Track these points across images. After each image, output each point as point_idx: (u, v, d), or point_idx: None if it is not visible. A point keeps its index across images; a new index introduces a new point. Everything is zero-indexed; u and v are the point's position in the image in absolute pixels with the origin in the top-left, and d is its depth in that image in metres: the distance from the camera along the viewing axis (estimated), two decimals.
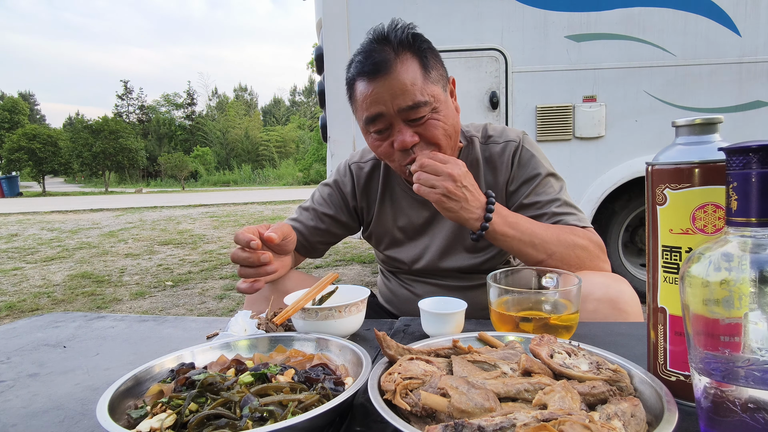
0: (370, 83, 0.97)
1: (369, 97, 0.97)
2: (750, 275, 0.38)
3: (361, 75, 0.98)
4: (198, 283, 4.37)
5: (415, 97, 0.96)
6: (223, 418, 0.49)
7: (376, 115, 0.98)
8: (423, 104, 0.97)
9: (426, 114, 0.98)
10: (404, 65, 0.96)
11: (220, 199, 15.55)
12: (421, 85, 0.97)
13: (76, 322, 1.02)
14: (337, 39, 3.04)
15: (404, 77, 0.96)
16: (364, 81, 0.98)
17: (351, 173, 1.24)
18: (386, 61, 0.96)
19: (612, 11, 3.00)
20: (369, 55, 0.98)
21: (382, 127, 1.00)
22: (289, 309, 0.80)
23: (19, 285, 4.48)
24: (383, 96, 0.96)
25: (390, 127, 1.00)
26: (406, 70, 0.96)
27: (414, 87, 0.96)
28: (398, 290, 1.26)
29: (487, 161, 1.14)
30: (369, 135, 1.04)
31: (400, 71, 0.96)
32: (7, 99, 39.73)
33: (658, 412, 0.47)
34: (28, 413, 0.61)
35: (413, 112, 0.97)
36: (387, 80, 0.96)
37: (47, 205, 13.84)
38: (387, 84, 0.96)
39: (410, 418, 0.49)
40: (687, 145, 0.53)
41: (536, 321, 0.74)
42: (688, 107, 3.04)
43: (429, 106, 0.98)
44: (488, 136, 1.16)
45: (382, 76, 0.96)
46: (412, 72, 0.97)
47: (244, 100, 50.93)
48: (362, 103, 1.00)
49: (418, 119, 0.98)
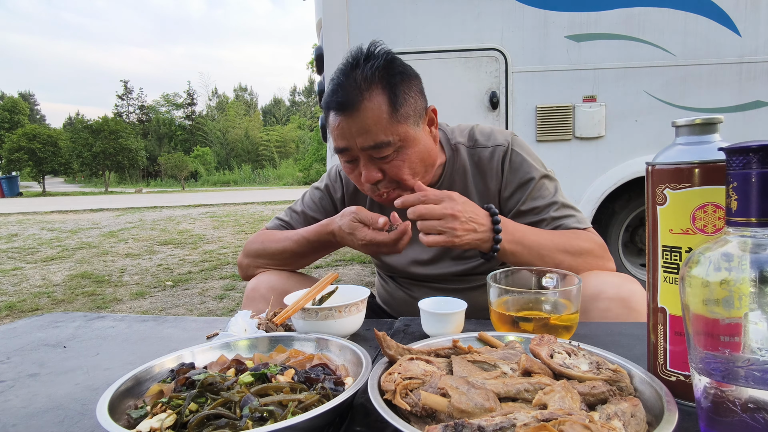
0: (336, 116, 0.98)
1: (336, 129, 0.99)
2: (750, 275, 0.38)
3: (332, 107, 0.99)
4: (198, 283, 4.37)
5: (377, 137, 0.96)
6: (223, 418, 0.49)
7: (342, 148, 1.00)
8: (386, 144, 0.97)
9: (389, 153, 0.98)
10: (371, 102, 0.95)
11: (220, 199, 15.55)
12: (385, 124, 0.96)
13: (76, 322, 1.02)
14: (337, 39, 3.04)
15: (368, 116, 0.95)
16: (333, 114, 0.99)
17: (341, 179, 1.23)
18: (351, 100, 0.95)
19: (612, 11, 3.00)
20: (337, 89, 0.98)
21: (349, 158, 1.02)
22: (289, 309, 0.80)
23: (19, 285, 4.48)
24: (349, 132, 0.97)
25: (357, 160, 1.01)
26: (372, 109, 0.95)
27: (377, 127, 0.95)
28: (396, 293, 1.26)
29: (476, 166, 1.13)
30: (342, 162, 1.06)
31: (365, 109, 0.95)
32: (7, 99, 39.73)
33: (658, 412, 0.47)
34: (28, 413, 0.61)
35: (376, 151, 0.97)
36: (351, 118, 0.96)
37: (47, 205, 13.84)
38: (351, 121, 0.96)
39: (410, 418, 0.49)
40: (687, 145, 0.53)
41: (536, 321, 0.74)
42: (688, 107, 3.04)
43: (393, 146, 0.97)
44: (475, 140, 1.14)
45: (347, 113, 0.96)
46: (378, 111, 0.95)
47: (244, 100, 50.93)
48: (332, 133, 1.01)
49: (382, 157, 0.98)
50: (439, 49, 3.03)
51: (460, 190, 1.12)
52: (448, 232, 0.87)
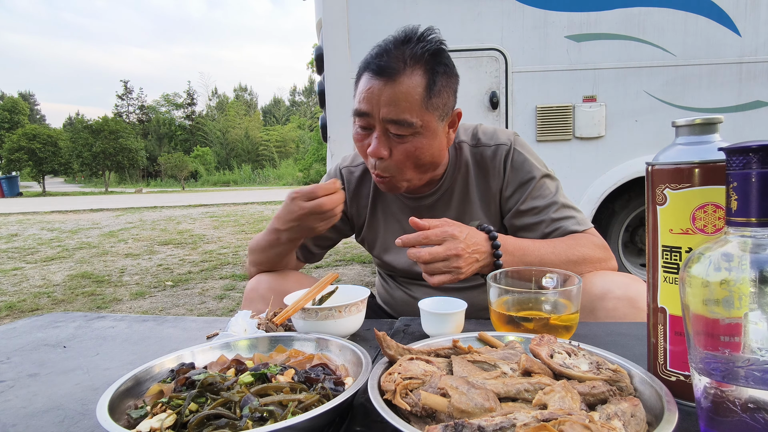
0: (371, 80, 0.96)
1: (365, 92, 0.97)
2: (750, 275, 0.38)
3: (371, 68, 0.97)
4: (198, 283, 4.37)
5: (403, 114, 0.95)
6: (223, 418, 0.49)
7: (363, 112, 0.98)
8: (408, 124, 0.95)
9: (406, 135, 0.97)
10: (410, 79, 0.94)
11: (220, 199, 15.55)
12: (415, 105, 0.95)
13: (76, 322, 1.02)
14: (337, 39, 3.04)
15: (402, 90, 0.94)
16: (367, 77, 0.98)
17: (342, 178, 1.24)
18: (393, 67, 0.94)
19: (612, 11, 3.00)
20: (382, 53, 0.96)
21: (365, 125, 1.00)
22: (289, 309, 0.80)
23: (19, 285, 4.48)
24: (376, 98, 0.95)
25: (371, 129, 0.99)
26: (408, 85, 0.94)
27: (406, 104, 0.94)
28: (395, 293, 1.26)
29: (478, 165, 1.13)
30: (354, 126, 1.04)
31: (402, 83, 0.94)
32: (7, 99, 39.72)
33: (658, 412, 0.47)
34: (28, 413, 0.61)
35: (395, 126, 0.96)
36: (386, 86, 0.94)
37: (47, 205, 13.84)
38: (384, 90, 0.94)
39: (410, 418, 0.49)
40: (687, 145, 0.53)
41: (536, 321, 0.74)
42: (688, 107, 3.04)
43: (413, 129, 0.96)
44: (478, 139, 1.14)
45: (384, 79, 0.95)
46: (413, 89, 0.95)
47: (244, 100, 50.93)
48: (359, 95, 0.99)
49: (397, 135, 0.97)
50: None
51: (461, 188, 1.12)
52: (453, 271, 0.87)
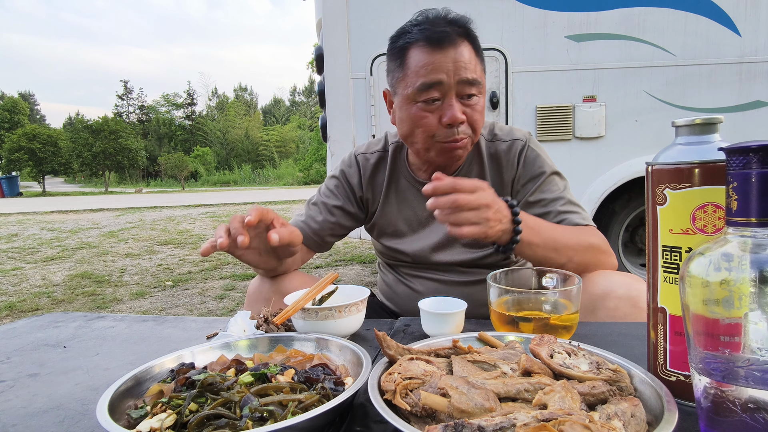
0: (432, 52, 1.00)
1: (430, 64, 1.00)
2: (750, 275, 0.38)
3: (424, 43, 1.00)
4: (198, 283, 4.37)
5: (474, 74, 1.01)
6: (223, 418, 0.49)
7: (435, 82, 1.00)
8: (478, 83, 1.02)
9: (476, 95, 1.03)
10: (464, 45, 1.01)
11: (220, 199, 15.55)
12: (476, 66, 1.03)
13: (76, 322, 1.02)
14: (337, 39, 3.04)
15: (464, 53, 1.01)
16: (424, 49, 1.00)
17: (357, 164, 1.24)
18: (450, 36, 1.00)
19: (612, 11, 3.00)
20: (434, 25, 1.01)
21: (436, 96, 1.01)
22: (289, 309, 0.80)
23: (19, 285, 4.48)
24: (446, 65, 0.99)
25: (441, 100, 1.02)
26: (467, 48, 1.02)
27: (473, 65, 1.01)
28: (397, 287, 1.26)
29: (492, 158, 1.16)
30: (413, 105, 1.03)
31: (462, 46, 1.01)
32: (7, 99, 39.71)
33: (658, 412, 0.47)
34: (28, 413, 0.61)
35: (469, 87, 1.01)
36: (451, 52, 0.99)
37: (47, 205, 13.84)
38: (451, 55, 0.99)
39: (410, 418, 0.49)
40: (687, 145, 0.53)
41: (536, 321, 0.74)
42: (688, 107, 3.04)
43: (480, 87, 1.03)
44: (494, 134, 1.18)
45: (447, 47, 0.99)
46: (471, 53, 1.02)
47: (244, 100, 50.91)
48: (419, 70, 1.01)
49: (469, 96, 1.02)
50: None
51: (476, 177, 1.16)
52: (483, 223, 0.83)
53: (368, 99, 3.09)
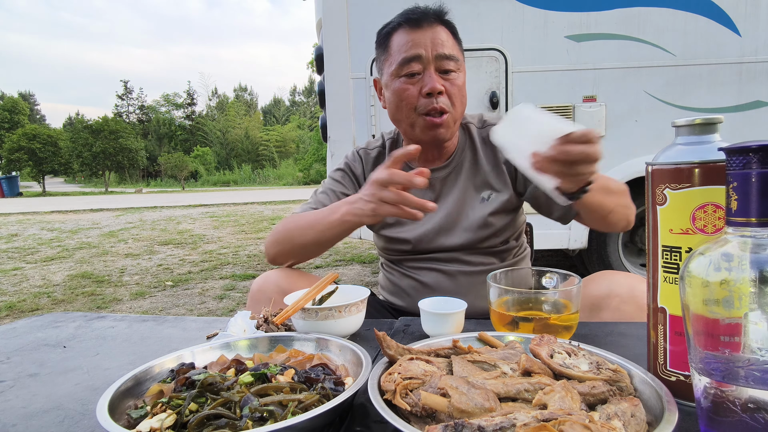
0: (411, 31, 1.10)
1: (410, 41, 1.09)
2: (750, 275, 0.38)
3: (404, 24, 1.11)
4: (198, 283, 4.37)
5: (452, 50, 1.10)
6: (223, 418, 0.49)
7: (414, 56, 1.08)
8: (455, 59, 1.10)
9: (453, 70, 1.10)
10: (441, 28, 1.11)
11: (220, 199, 15.55)
12: (452, 44, 1.12)
13: (76, 322, 1.02)
14: (337, 39, 3.04)
15: (441, 33, 1.10)
16: (405, 30, 1.11)
17: (360, 157, 1.30)
18: (428, 18, 1.10)
19: (612, 11, 3.00)
20: (413, 11, 1.11)
21: (416, 69, 1.09)
22: (289, 309, 0.80)
23: (19, 285, 4.48)
24: (424, 42, 1.08)
25: (421, 73, 1.09)
26: (443, 29, 1.11)
27: (449, 42, 1.10)
28: (402, 282, 1.26)
29: (485, 142, 1.22)
30: (396, 80, 1.12)
31: (439, 28, 1.11)
32: (7, 99, 39.70)
33: (658, 412, 0.47)
34: (28, 413, 0.61)
35: (446, 62, 1.09)
36: (429, 31, 1.09)
37: (47, 205, 13.84)
38: (428, 33, 1.09)
39: (410, 418, 0.48)
40: (687, 145, 0.53)
41: (536, 321, 0.74)
42: (688, 107, 3.04)
43: (458, 64, 1.11)
44: (484, 121, 1.25)
45: (426, 26, 1.09)
46: (448, 35, 1.12)
47: (244, 100, 50.92)
48: (400, 48, 1.10)
49: (447, 71, 1.09)
50: None
51: (470, 161, 1.21)
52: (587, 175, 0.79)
53: (368, 99, 3.08)
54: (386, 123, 3.08)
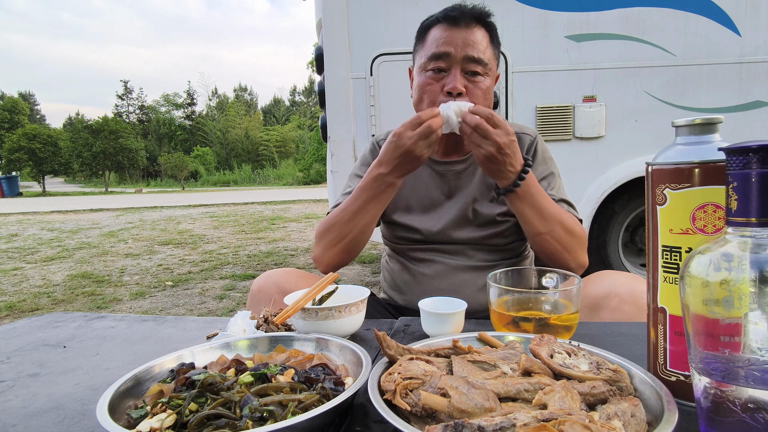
0: (448, 28, 1.11)
1: (442, 38, 1.11)
2: (750, 275, 0.38)
3: (443, 20, 1.13)
4: (198, 283, 4.37)
5: (482, 54, 1.11)
6: (223, 418, 0.49)
7: (443, 53, 1.10)
8: (482, 63, 1.11)
9: (480, 74, 1.12)
10: (479, 30, 1.12)
11: (220, 199, 15.55)
12: (486, 49, 1.13)
13: (76, 322, 1.02)
14: (337, 39, 3.04)
15: (476, 35, 1.11)
16: (442, 26, 1.12)
17: (379, 147, 1.30)
18: (467, 18, 1.11)
19: (612, 11, 3.00)
20: (453, 8, 1.13)
21: (442, 66, 1.11)
22: (289, 309, 0.80)
23: (19, 285, 4.48)
24: (456, 41, 1.10)
25: (447, 71, 1.11)
26: (480, 32, 1.12)
27: (481, 46, 1.11)
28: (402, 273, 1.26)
29: None
30: (423, 73, 1.15)
31: (475, 30, 1.12)
32: (7, 99, 39.68)
33: (658, 412, 0.47)
34: (28, 413, 0.61)
35: (473, 64, 1.10)
36: (464, 31, 1.10)
37: (47, 205, 13.84)
38: (463, 33, 1.10)
39: (410, 418, 0.48)
40: (687, 145, 0.53)
41: (536, 321, 0.74)
42: (688, 107, 3.04)
43: (486, 68, 1.12)
44: None
45: (463, 26, 1.11)
46: (483, 37, 1.13)
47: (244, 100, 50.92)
48: (433, 43, 1.12)
49: (473, 73, 1.11)
50: None
51: None
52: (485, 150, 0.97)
53: (368, 99, 3.08)
54: (386, 123, 3.08)
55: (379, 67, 3.03)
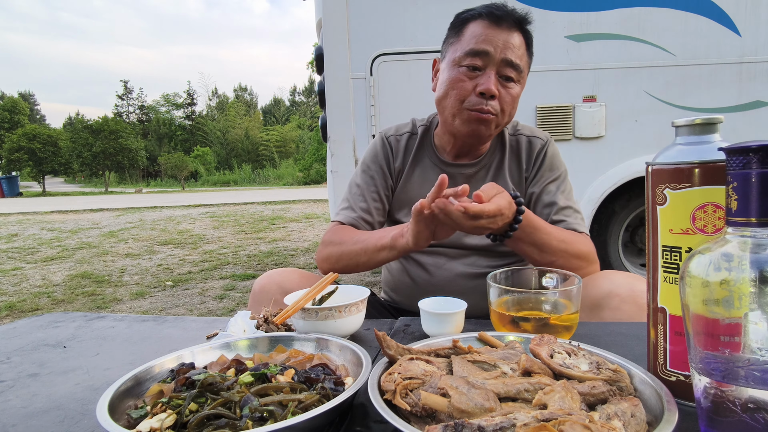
0: (489, 26, 1.07)
1: (483, 35, 1.07)
2: (750, 275, 0.38)
3: (485, 17, 1.08)
4: (198, 283, 4.37)
5: (519, 60, 1.08)
6: (223, 418, 0.49)
7: (482, 51, 1.06)
8: (519, 70, 1.09)
9: (514, 80, 1.10)
10: (519, 35, 1.09)
11: (220, 199, 15.55)
12: (524, 57, 1.10)
13: (76, 322, 1.02)
14: (337, 39, 3.04)
15: (516, 39, 1.08)
16: (484, 22, 1.08)
17: (388, 143, 1.29)
18: (510, 21, 1.07)
19: (612, 11, 3.00)
20: (500, 7, 1.09)
21: (478, 64, 1.07)
22: (289, 309, 0.80)
23: (19, 285, 4.48)
24: (496, 41, 1.06)
25: (482, 70, 1.08)
26: (519, 37, 1.09)
27: (520, 52, 1.09)
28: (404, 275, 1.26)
29: (512, 150, 1.24)
30: (456, 68, 1.10)
31: (516, 35, 1.08)
32: (7, 99, 39.70)
33: (658, 412, 0.47)
34: (28, 413, 0.61)
35: (510, 69, 1.08)
36: (506, 33, 1.07)
37: (47, 205, 13.84)
38: (504, 35, 1.07)
39: (410, 418, 0.48)
40: (687, 145, 0.53)
41: (536, 321, 0.74)
42: (688, 107, 3.04)
43: (520, 75, 1.11)
44: (517, 129, 1.27)
45: (504, 27, 1.07)
46: (522, 44, 1.10)
47: (244, 100, 50.93)
48: (472, 38, 1.08)
49: (507, 78, 1.08)
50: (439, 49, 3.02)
51: (497, 166, 1.24)
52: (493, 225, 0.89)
53: (368, 99, 3.08)
54: (386, 123, 3.08)
55: (379, 67, 3.03)
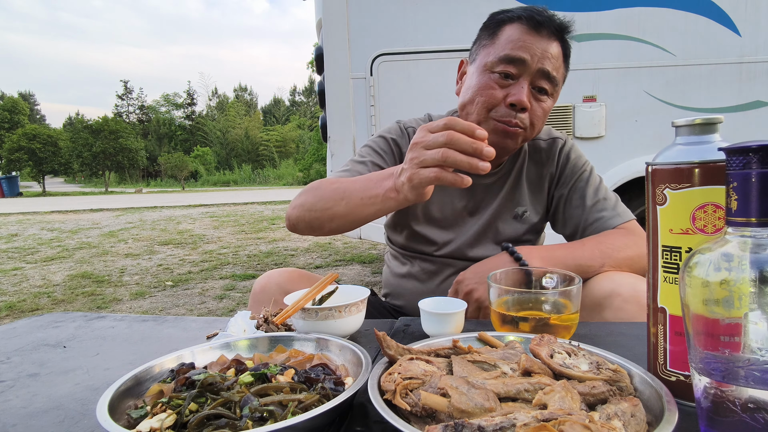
0: (528, 32, 1.00)
1: (521, 41, 1.00)
2: (750, 275, 0.38)
3: (524, 21, 1.01)
4: (198, 283, 4.37)
5: (556, 72, 1.02)
6: (223, 418, 0.49)
7: (518, 59, 0.99)
8: (554, 83, 1.03)
9: (548, 92, 1.04)
10: (557, 46, 1.03)
11: (220, 199, 15.55)
12: (560, 69, 1.05)
13: (76, 322, 1.02)
14: (337, 39, 3.04)
15: (554, 50, 1.02)
16: (522, 27, 1.01)
17: (407, 134, 1.20)
18: (550, 30, 1.01)
19: (612, 11, 3.00)
20: (540, 12, 1.01)
21: (512, 72, 1.01)
22: (289, 309, 0.80)
23: (19, 285, 4.48)
24: (534, 49, 0.99)
25: (515, 79, 1.01)
26: (557, 50, 1.03)
27: (558, 64, 1.03)
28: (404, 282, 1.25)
29: (531, 155, 1.21)
30: (486, 74, 1.03)
31: (554, 45, 1.02)
32: (7, 99, 39.71)
33: (658, 412, 0.47)
34: (28, 413, 0.61)
35: (545, 81, 1.02)
36: (545, 41, 1.00)
37: (47, 205, 13.84)
38: (543, 43, 1.00)
39: (410, 418, 0.48)
40: (687, 145, 0.53)
41: (536, 321, 0.74)
42: (688, 107, 3.04)
43: (555, 88, 1.05)
44: None
45: (544, 35, 1.00)
46: (560, 55, 1.04)
47: (244, 100, 50.95)
48: (508, 43, 1.01)
49: (541, 90, 1.02)
50: (439, 49, 3.03)
51: (516, 174, 1.19)
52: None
53: (368, 99, 3.08)
54: (386, 123, 3.08)
55: (379, 67, 3.02)
